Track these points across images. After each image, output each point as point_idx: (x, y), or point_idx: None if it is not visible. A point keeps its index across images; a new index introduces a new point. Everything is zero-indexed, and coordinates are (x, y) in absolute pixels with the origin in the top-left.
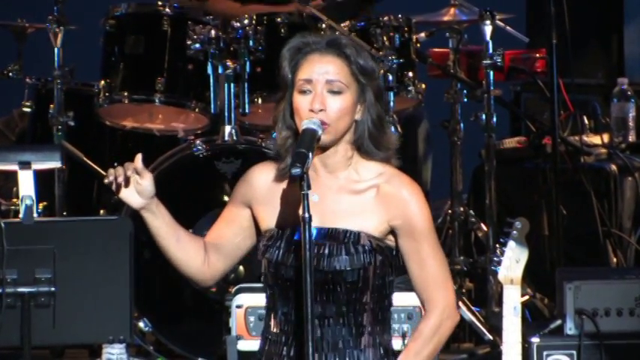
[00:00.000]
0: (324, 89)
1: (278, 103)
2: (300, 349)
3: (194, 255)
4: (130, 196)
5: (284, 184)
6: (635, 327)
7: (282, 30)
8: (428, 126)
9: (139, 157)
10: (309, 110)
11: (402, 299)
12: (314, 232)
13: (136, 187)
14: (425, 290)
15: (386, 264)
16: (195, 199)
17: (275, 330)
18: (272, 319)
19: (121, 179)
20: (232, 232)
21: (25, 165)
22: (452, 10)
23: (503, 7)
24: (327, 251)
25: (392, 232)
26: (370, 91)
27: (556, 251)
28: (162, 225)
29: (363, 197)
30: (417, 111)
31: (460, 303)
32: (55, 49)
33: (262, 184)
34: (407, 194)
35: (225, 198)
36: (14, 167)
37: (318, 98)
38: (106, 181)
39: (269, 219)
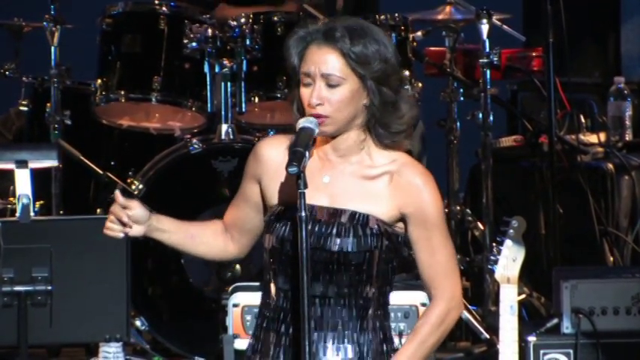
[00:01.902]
0: (321, 82)
1: (292, 88)
2: (297, 326)
3: (213, 243)
4: (131, 231)
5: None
6: (631, 326)
7: (279, 29)
8: (423, 126)
9: (117, 194)
10: (307, 105)
11: (399, 298)
12: (323, 210)
13: (131, 220)
14: (433, 279)
15: (391, 250)
16: (192, 197)
17: (273, 306)
18: (271, 296)
19: (120, 229)
20: (249, 208)
21: (21, 164)
22: (448, 9)
23: (499, 6)
24: (334, 231)
25: (402, 219)
26: (370, 78)
27: (553, 250)
28: (170, 236)
29: (375, 183)
30: None
31: None
32: (52, 48)
33: (271, 159)
34: (420, 183)
35: (222, 196)
36: (11, 166)
37: (316, 92)
38: (110, 233)
39: (276, 194)
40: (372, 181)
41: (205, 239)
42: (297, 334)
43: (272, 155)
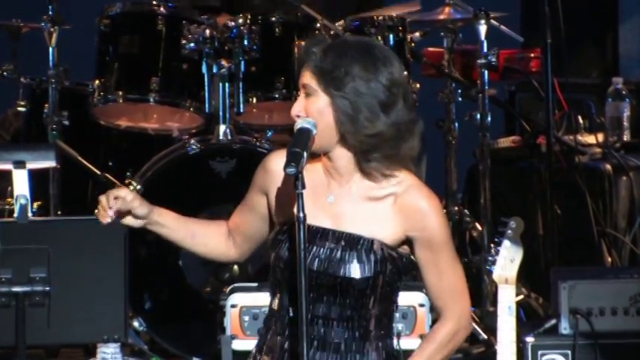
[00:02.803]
0: (302, 93)
1: None
2: (297, 342)
3: (215, 243)
4: (127, 220)
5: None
6: (629, 326)
7: (277, 29)
8: (422, 126)
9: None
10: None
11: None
12: (328, 233)
13: (124, 207)
14: (442, 300)
15: (395, 272)
16: (190, 198)
17: (278, 322)
18: (275, 311)
19: (106, 215)
20: (253, 217)
21: (19, 164)
22: (446, 10)
23: (497, 7)
24: (338, 255)
25: (406, 241)
26: (341, 96)
27: (551, 251)
28: (170, 232)
29: (379, 205)
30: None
31: None
32: (50, 49)
33: (279, 173)
34: (426, 206)
35: (220, 197)
36: (9, 166)
37: (297, 103)
38: (100, 218)
39: (281, 211)
40: (376, 203)
41: (206, 240)
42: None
43: (277, 167)
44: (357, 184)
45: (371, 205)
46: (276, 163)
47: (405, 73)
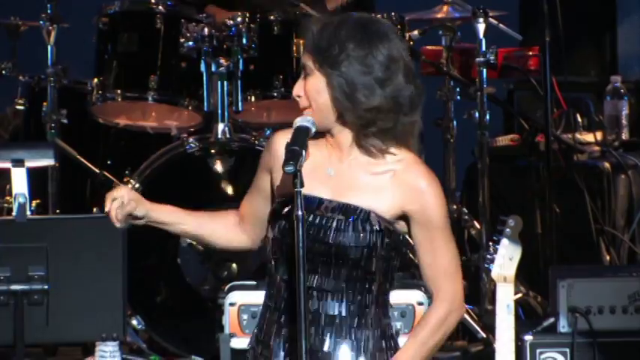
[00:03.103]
0: (303, 74)
1: None
2: (295, 318)
3: (224, 232)
4: (129, 219)
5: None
6: (628, 325)
7: (275, 28)
8: (421, 124)
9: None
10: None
11: (395, 297)
12: (325, 203)
13: (122, 212)
14: (435, 280)
15: (391, 247)
16: (188, 196)
17: (274, 296)
18: (273, 286)
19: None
20: (262, 198)
21: (18, 162)
22: (445, 8)
23: (496, 5)
24: (334, 224)
25: (404, 217)
26: (336, 74)
27: (549, 249)
28: (174, 227)
29: (379, 178)
30: None
31: None
32: (49, 47)
33: (281, 150)
34: (424, 184)
35: (219, 195)
36: (7, 165)
37: (297, 85)
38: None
39: (282, 185)
40: (375, 176)
41: (214, 231)
42: (295, 327)
43: (282, 146)
44: (358, 160)
45: (370, 179)
46: (279, 143)
47: (405, 48)
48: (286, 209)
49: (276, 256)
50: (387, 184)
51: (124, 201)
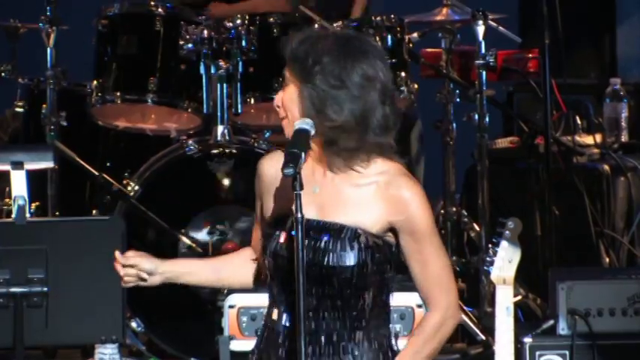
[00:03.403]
0: (283, 84)
1: None
2: (293, 337)
3: (244, 273)
4: (146, 282)
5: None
6: (627, 327)
7: (275, 30)
8: (421, 127)
9: (117, 254)
10: None
11: (395, 299)
12: (312, 224)
13: (131, 271)
14: (427, 290)
15: (383, 261)
16: (188, 199)
17: (275, 319)
18: (273, 308)
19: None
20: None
21: (17, 165)
22: (444, 10)
23: (495, 7)
24: (322, 245)
25: (392, 229)
26: (306, 86)
27: (548, 251)
28: (193, 276)
29: (362, 192)
30: (411, 111)
31: None
32: (48, 49)
33: (267, 174)
34: (408, 195)
35: (218, 198)
36: (7, 167)
37: (278, 94)
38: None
39: (271, 207)
40: (359, 189)
41: (234, 275)
42: (293, 346)
43: (268, 170)
44: (341, 175)
45: (354, 192)
46: (266, 167)
47: (384, 70)
48: (275, 231)
49: (272, 280)
50: (371, 197)
51: (133, 262)
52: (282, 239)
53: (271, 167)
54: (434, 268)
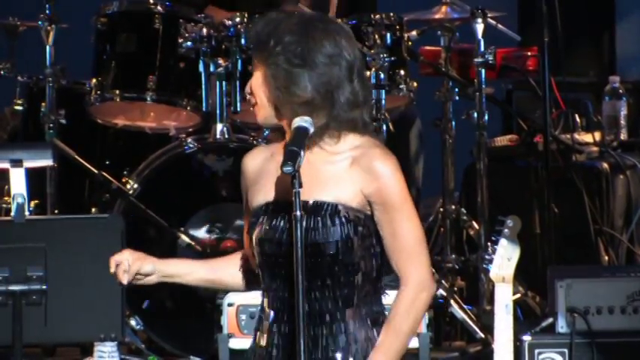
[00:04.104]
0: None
1: None
2: (290, 325)
3: (240, 274)
4: (141, 281)
5: (268, 163)
6: (626, 325)
7: None
8: (421, 124)
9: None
10: None
11: (391, 298)
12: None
13: (127, 268)
14: (397, 262)
15: (367, 234)
16: (187, 197)
17: (267, 308)
18: (265, 297)
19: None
20: None
21: (16, 163)
22: (443, 8)
23: (494, 5)
24: (304, 224)
25: (369, 202)
26: (269, 66)
27: (548, 249)
28: (190, 276)
29: (338, 167)
30: (410, 109)
31: (452, 301)
32: (47, 47)
33: (249, 169)
34: (379, 165)
35: (217, 196)
36: (6, 165)
37: (249, 82)
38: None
39: (255, 198)
40: (334, 165)
41: (230, 270)
42: (289, 332)
43: (250, 166)
44: (315, 154)
45: (330, 170)
46: (249, 163)
47: (349, 48)
48: (259, 219)
49: (261, 267)
50: (346, 171)
51: (129, 263)
52: (266, 225)
53: (254, 162)
54: (404, 240)
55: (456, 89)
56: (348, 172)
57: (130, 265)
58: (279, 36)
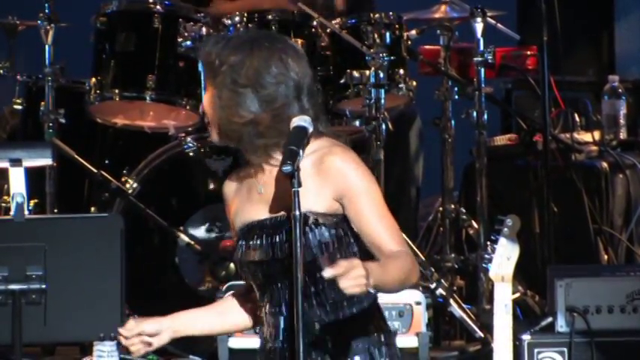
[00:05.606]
0: None
1: None
2: (284, 342)
3: (251, 307)
4: (155, 343)
5: (242, 185)
6: (626, 324)
7: (273, 27)
8: (420, 124)
9: (120, 330)
10: None
11: (392, 297)
12: (266, 224)
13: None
14: (377, 245)
15: (343, 235)
16: (186, 196)
17: (264, 328)
18: (261, 318)
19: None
20: None
21: (15, 162)
22: (443, 8)
23: (494, 5)
24: (277, 239)
25: (338, 202)
26: (215, 86)
27: (547, 248)
28: (200, 325)
29: (303, 177)
30: (410, 109)
31: (451, 300)
32: (46, 47)
33: (230, 193)
34: (339, 162)
35: (216, 195)
36: (5, 164)
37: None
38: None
39: (234, 222)
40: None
41: (239, 310)
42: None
43: (229, 191)
44: (274, 171)
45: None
46: (227, 189)
47: (297, 67)
48: (241, 242)
49: (257, 285)
50: (309, 178)
51: (133, 332)
52: (244, 247)
53: (231, 187)
54: (378, 225)
55: (456, 88)
56: (312, 178)
57: (136, 332)
58: (224, 56)
